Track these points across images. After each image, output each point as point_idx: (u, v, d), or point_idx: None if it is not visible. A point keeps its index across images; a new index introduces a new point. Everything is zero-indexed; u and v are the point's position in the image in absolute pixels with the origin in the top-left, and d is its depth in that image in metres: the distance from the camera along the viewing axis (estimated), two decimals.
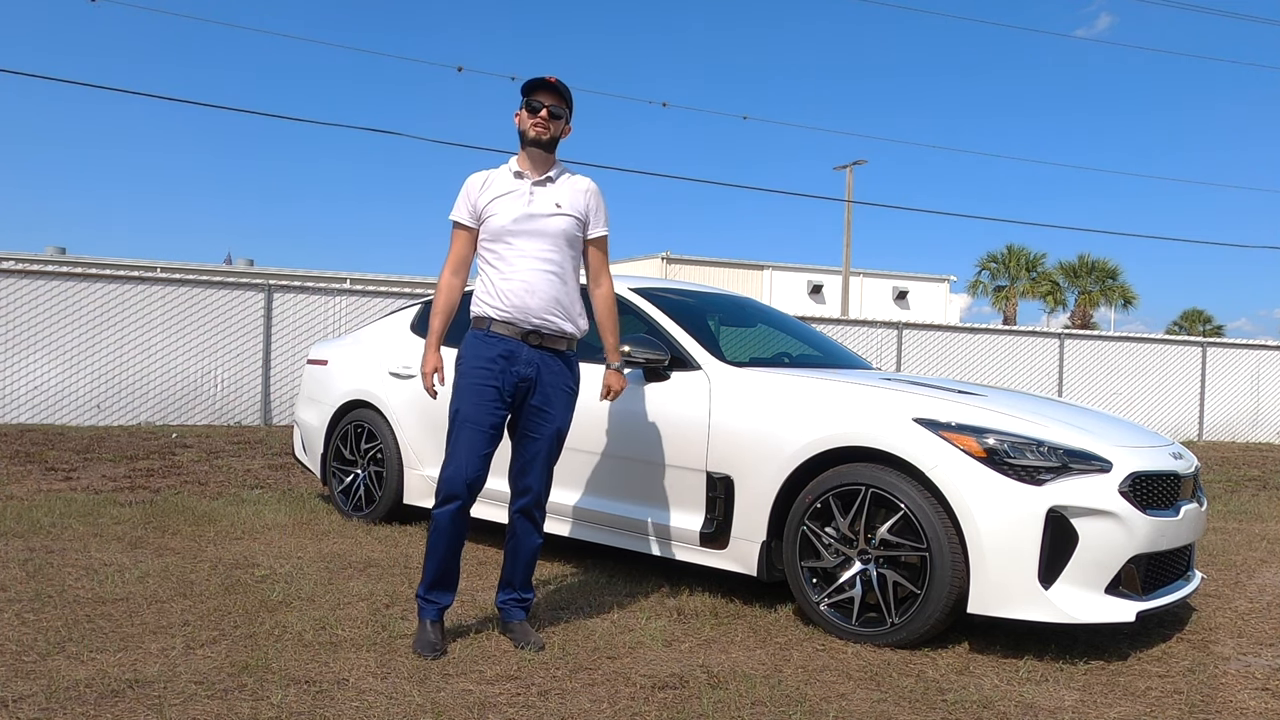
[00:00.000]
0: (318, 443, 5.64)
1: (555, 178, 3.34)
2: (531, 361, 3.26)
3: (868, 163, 26.85)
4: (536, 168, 3.32)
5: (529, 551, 3.36)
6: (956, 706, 2.82)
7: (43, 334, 10.59)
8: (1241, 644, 3.62)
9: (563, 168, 3.40)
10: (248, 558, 4.37)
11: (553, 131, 3.30)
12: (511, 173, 3.33)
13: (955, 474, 3.27)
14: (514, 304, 3.22)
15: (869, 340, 14.33)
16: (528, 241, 3.25)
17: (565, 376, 3.35)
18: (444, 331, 3.34)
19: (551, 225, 3.27)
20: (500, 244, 3.27)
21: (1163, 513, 3.42)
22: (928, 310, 34.80)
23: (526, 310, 3.23)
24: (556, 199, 3.30)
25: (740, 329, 4.91)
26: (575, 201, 3.33)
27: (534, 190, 3.29)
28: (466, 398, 3.21)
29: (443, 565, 3.22)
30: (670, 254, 31.91)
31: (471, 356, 3.25)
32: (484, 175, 3.36)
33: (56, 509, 5.33)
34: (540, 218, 3.26)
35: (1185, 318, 50.57)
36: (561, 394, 3.34)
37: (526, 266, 3.24)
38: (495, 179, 3.33)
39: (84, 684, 2.72)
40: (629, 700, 2.77)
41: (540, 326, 3.26)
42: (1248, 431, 15.85)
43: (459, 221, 3.34)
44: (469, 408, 3.20)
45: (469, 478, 3.18)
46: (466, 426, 3.19)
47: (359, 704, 2.66)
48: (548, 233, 3.27)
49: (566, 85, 3.31)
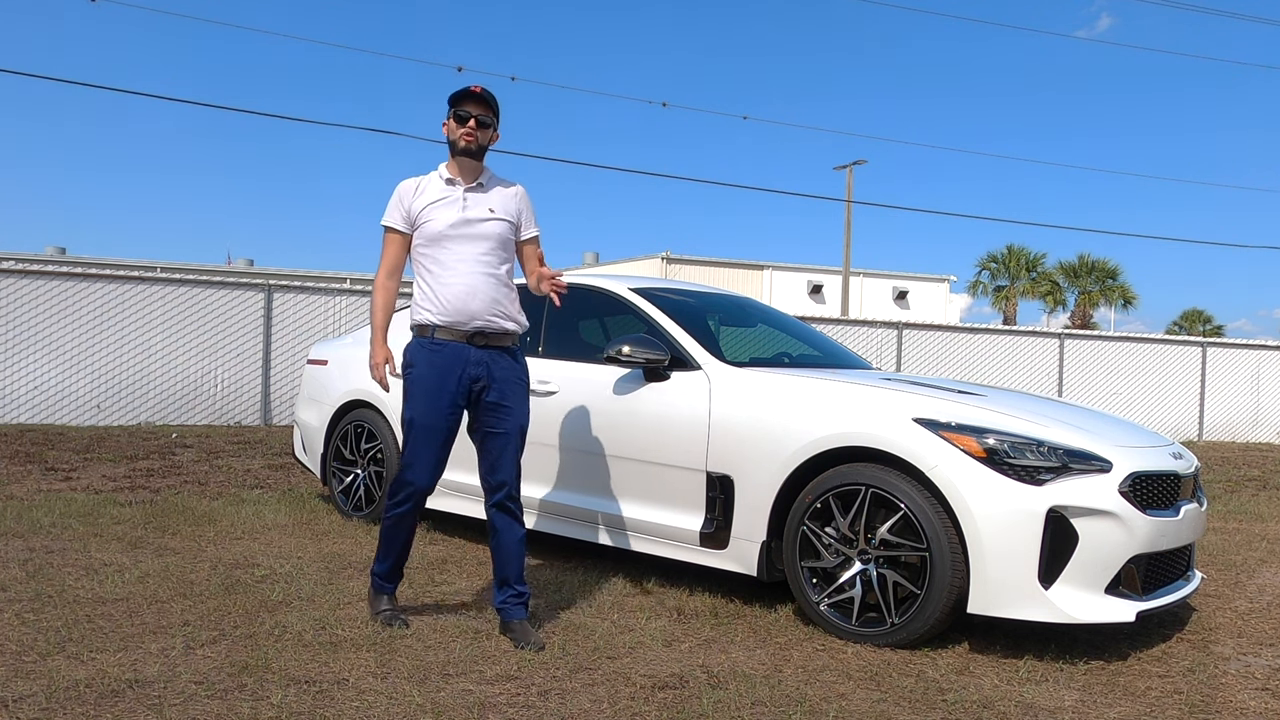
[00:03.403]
0: (318, 443, 5.64)
1: (486, 184, 3.46)
2: (480, 361, 3.36)
3: (868, 163, 26.86)
4: (467, 175, 3.43)
5: (515, 544, 3.41)
6: (956, 706, 2.82)
7: (43, 334, 10.59)
8: (1241, 644, 3.62)
9: (491, 173, 3.51)
10: (248, 558, 4.37)
11: (481, 140, 3.41)
12: (443, 180, 3.43)
13: (955, 474, 3.27)
14: (456, 307, 3.32)
15: (869, 340, 14.32)
16: (465, 246, 3.36)
17: (516, 370, 3.45)
18: (387, 325, 3.49)
19: (487, 230, 3.39)
20: (437, 249, 3.37)
21: (1163, 513, 3.42)
22: (928, 310, 34.78)
23: (469, 313, 3.33)
24: (490, 204, 3.42)
25: (740, 329, 4.91)
26: (508, 206, 3.46)
27: (467, 196, 3.40)
28: (418, 404, 3.34)
29: (399, 557, 3.50)
30: (670, 254, 31.89)
31: (420, 364, 3.36)
32: (416, 181, 3.46)
33: (56, 509, 5.32)
34: (476, 223, 3.38)
35: (1185, 318, 50.55)
36: (516, 387, 3.43)
37: (466, 270, 3.34)
38: (427, 186, 3.43)
39: (84, 684, 2.72)
40: (629, 700, 2.77)
41: (483, 327, 3.36)
42: (1248, 431, 15.85)
43: (393, 227, 3.44)
44: (422, 414, 3.34)
45: (427, 483, 3.38)
46: (424, 433, 3.34)
47: (359, 704, 2.66)
48: (484, 237, 3.38)
49: (493, 94, 3.42)
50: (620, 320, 4.58)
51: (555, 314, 4.72)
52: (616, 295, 4.54)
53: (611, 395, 4.17)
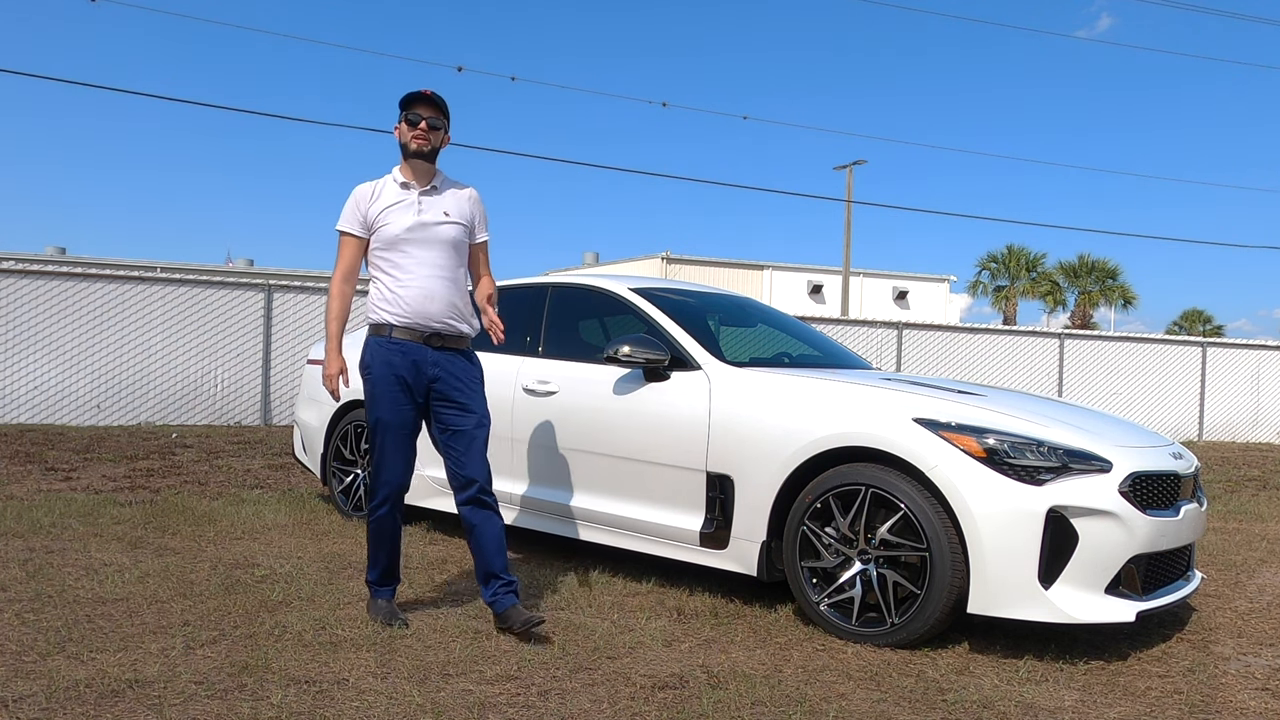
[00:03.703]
0: (318, 443, 5.64)
1: (440, 186, 3.51)
2: (437, 362, 3.42)
3: (868, 163, 26.87)
4: (421, 178, 3.48)
5: (496, 537, 3.43)
6: (956, 706, 2.82)
7: (43, 334, 10.59)
8: (1241, 644, 3.62)
9: (444, 175, 3.55)
10: (248, 558, 4.37)
11: (433, 142, 3.45)
12: (397, 183, 3.47)
13: (955, 474, 3.27)
14: (415, 310, 3.38)
15: (869, 340, 14.32)
16: (422, 250, 3.41)
17: (471, 370, 3.52)
18: (342, 334, 3.52)
19: (443, 233, 3.44)
20: (395, 252, 3.42)
21: (1163, 513, 3.42)
22: (928, 310, 34.78)
23: (427, 315, 3.39)
24: (445, 208, 3.47)
25: (740, 329, 4.91)
26: (462, 210, 3.51)
27: (422, 200, 3.45)
28: (385, 405, 3.40)
29: (391, 557, 3.50)
30: (670, 254, 31.89)
31: (380, 364, 3.41)
32: (371, 186, 3.49)
33: (56, 509, 5.33)
34: (432, 226, 3.43)
35: (1185, 318, 50.53)
36: (475, 385, 3.51)
37: (423, 274, 3.40)
38: (382, 190, 3.47)
39: (84, 684, 2.72)
40: (629, 700, 2.77)
41: (441, 330, 3.43)
42: (1248, 431, 15.85)
43: (350, 231, 3.48)
44: (389, 414, 3.40)
45: (402, 479, 3.46)
46: (392, 432, 3.41)
47: (359, 704, 2.66)
48: (440, 240, 3.43)
49: (443, 98, 3.46)
50: (620, 320, 4.58)
51: (555, 314, 4.73)
52: (616, 295, 4.54)
53: (611, 395, 4.17)
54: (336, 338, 3.48)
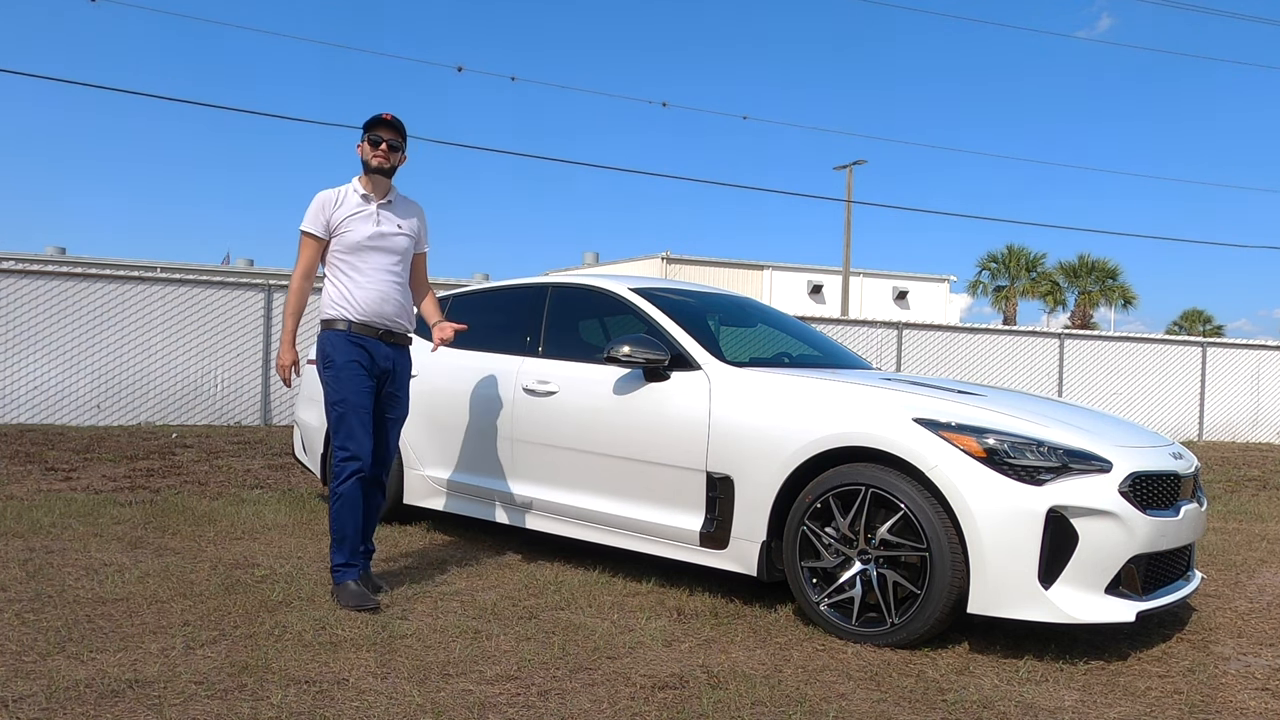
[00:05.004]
0: (318, 443, 5.64)
1: (395, 201, 3.92)
2: (389, 356, 3.86)
3: (868, 163, 26.87)
4: (379, 191, 3.88)
5: (376, 510, 3.93)
6: (956, 706, 2.82)
7: (42, 334, 10.59)
8: (1241, 644, 3.62)
9: (397, 191, 3.96)
10: (248, 558, 4.37)
11: (392, 161, 3.85)
12: (358, 195, 3.85)
13: (955, 474, 3.27)
14: (371, 309, 3.79)
15: (869, 340, 14.33)
16: (379, 256, 3.82)
17: (409, 366, 4.01)
18: (297, 329, 3.86)
19: (398, 243, 3.88)
20: (354, 257, 3.81)
21: (1163, 513, 3.42)
22: (928, 310, 34.78)
23: (382, 315, 3.82)
24: (399, 220, 3.90)
25: (740, 329, 4.91)
26: (413, 224, 3.96)
27: (380, 212, 3.85)
28: (348, 387, 3.75)
29: (355, 538, 3.76)
30: (670, 254, 31.89)
31: (342, 353, 3.76)
32: (335, 193, 3.85)
33: (56, 509, 5.33)
34: (389, 236, 3.86)
35: (1185, 318, 50.54)
36: (408, 379, 4.01)
37: (379, 278, 3.82)
38: (344, 198, 3.84)
39: (84, 684, 2.72)
40: (629, 700, 2.77)
41: (392, 328, 3.86)
42: (1248, 431, 15.85)
43: (313, 233, 3.82)
44: (353, 395, 3.75)
45: (369, 454, 3.77)
46: (356, 411, 3.74)
47: (359, 704, 2.66)
48: (394, 249, 3.87)
49: (402, 121, 3.85)
50: (620, 320, 4.58)
51: (555, 314, 4.73)
52: (616, 295, 4.54)
53: (611, 395, 4.18)
54: (292, 332, 3.85)
